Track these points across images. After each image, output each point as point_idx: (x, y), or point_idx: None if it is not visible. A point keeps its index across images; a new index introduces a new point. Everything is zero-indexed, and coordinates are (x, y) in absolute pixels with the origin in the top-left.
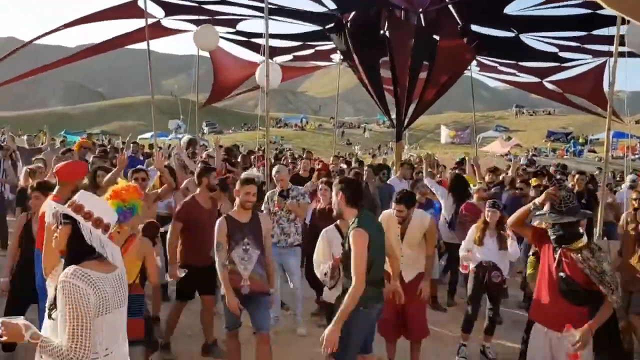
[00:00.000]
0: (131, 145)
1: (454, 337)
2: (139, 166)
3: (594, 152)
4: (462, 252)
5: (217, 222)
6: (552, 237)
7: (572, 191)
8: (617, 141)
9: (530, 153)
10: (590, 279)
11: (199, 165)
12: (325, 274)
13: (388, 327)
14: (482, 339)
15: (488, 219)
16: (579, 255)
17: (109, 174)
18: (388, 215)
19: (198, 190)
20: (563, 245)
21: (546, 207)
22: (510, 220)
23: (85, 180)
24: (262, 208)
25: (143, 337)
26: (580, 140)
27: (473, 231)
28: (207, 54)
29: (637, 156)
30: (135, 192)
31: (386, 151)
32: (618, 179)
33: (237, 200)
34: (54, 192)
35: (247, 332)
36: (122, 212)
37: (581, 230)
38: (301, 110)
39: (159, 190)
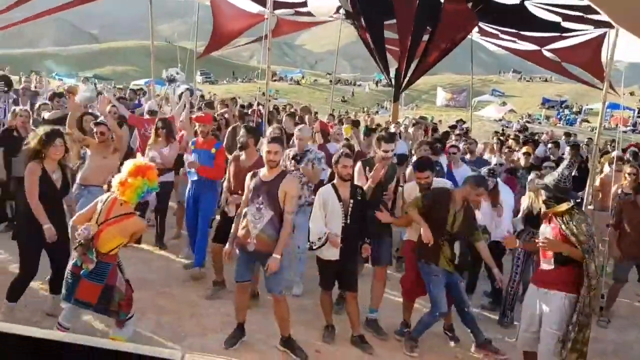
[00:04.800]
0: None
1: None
2: (100, 119)
3: (587, 121)
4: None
5: (247, 176)
6: (542, 199)
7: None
8: (611, 112)
9: (524, 119)
10: (570, 240)
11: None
12: (319, 239)
13: (411, 288)
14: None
15: None
16: (561, 218)
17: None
18: (411, 188)
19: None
20: (549, 208)
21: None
22: None
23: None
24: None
25: (94, 302)
26: (575, 109)
27: None
28: (207, 1)
29: (629, 128)
30: (154, 172)
31: (377, 110)
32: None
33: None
34: None
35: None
36: (147, 191)
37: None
38: (297, 64)
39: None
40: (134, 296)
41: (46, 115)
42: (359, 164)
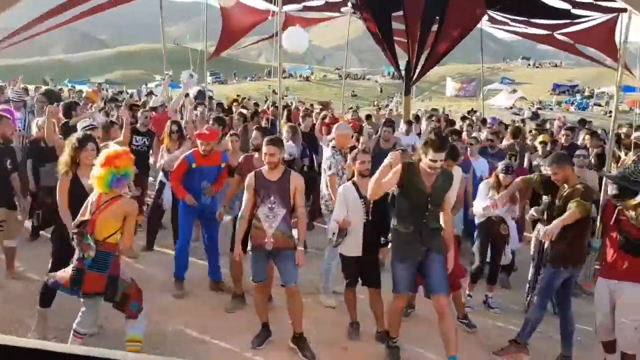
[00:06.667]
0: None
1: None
2: (91, 123)
3: (600, 105)
4: (479, 208)
5: (248, 176)
6: (610, 193)
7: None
8: (624, 95)
9: (535, 106)
10: None
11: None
12: (334, 233)
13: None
14: (485, 288)
15: (502, 182)
16: (633, 212)
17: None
18: None
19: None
20: (619, 203)
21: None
22: None
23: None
24: (332, 173)
25: (102, 291)
26: (586, 93)
27: (484, 188)
28: (214, 2)
29: None
30: (127, 158)
31: (387, 104)
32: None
33: None
34: None
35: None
36: (117, 179)
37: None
38: (305, 60)
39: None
40: (158, 300)
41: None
42: (399, 165)
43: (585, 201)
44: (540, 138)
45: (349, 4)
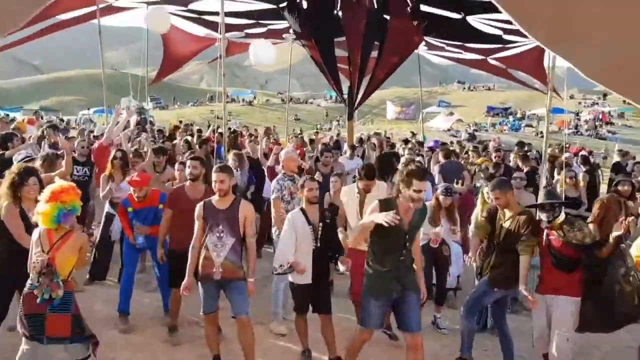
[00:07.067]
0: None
1: None
2: (27, 155)
3: (531, 126)
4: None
5: (197, 206)
6: (544, 221)
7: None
8: (553, 116)
9: (472, 128)
10: (577, 247)
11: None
12: (281, 265)
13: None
14: (433, 309)
15: (442, 204)
16: (560, 231)
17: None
18: (347, 191)
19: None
20: (546, 225)
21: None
22: None
23: None
24: (275, 196)
25: (68, 334)
26: (519, 115)
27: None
28: (158, 29)
29: (571, 130)
30: (74, 192)
31: (330, 127)
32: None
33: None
34: None
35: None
36: (64, 214)
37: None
38: (248, 84)
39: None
40: (104, 335)
41: (8, 154)
42: (375, 202)
43: (534, 237)
44: (481, 161)
45: (291, 31)
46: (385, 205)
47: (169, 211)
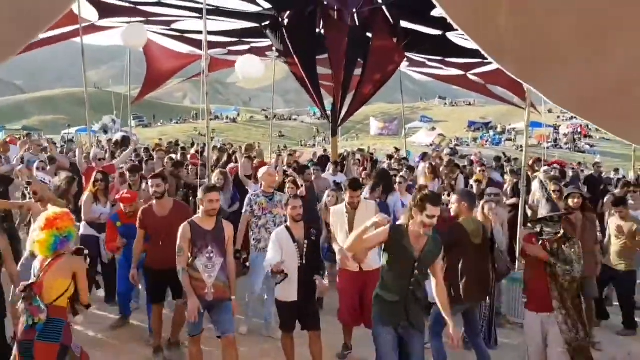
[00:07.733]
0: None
1: None
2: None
3: (511, 140)
4: None
5: (181, 227)
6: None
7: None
8: (532, 130)
9: (454, 143)
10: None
11: None
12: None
13: (348, 314)
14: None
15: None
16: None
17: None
18: (336, 211)
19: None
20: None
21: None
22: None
23: None
24: (244, 210)
25: None
26: (499, 130)
27: None
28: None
29: (549, 144)
30: (68, 219)
31: (314, 143)
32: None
33: (201, 208)
34: None
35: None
36: (60, 241)
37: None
38: (232, 101)
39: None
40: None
41: None
42: (383, 228)
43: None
44: (475, 177)
45: (274, 49)
46: (395, 232)
47: (142, 231)
